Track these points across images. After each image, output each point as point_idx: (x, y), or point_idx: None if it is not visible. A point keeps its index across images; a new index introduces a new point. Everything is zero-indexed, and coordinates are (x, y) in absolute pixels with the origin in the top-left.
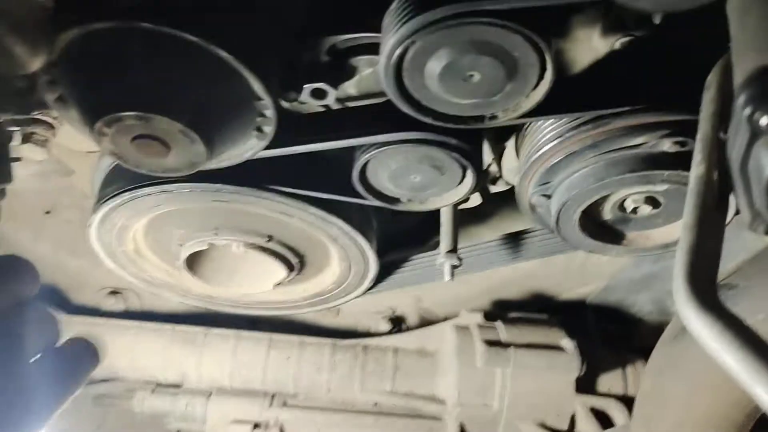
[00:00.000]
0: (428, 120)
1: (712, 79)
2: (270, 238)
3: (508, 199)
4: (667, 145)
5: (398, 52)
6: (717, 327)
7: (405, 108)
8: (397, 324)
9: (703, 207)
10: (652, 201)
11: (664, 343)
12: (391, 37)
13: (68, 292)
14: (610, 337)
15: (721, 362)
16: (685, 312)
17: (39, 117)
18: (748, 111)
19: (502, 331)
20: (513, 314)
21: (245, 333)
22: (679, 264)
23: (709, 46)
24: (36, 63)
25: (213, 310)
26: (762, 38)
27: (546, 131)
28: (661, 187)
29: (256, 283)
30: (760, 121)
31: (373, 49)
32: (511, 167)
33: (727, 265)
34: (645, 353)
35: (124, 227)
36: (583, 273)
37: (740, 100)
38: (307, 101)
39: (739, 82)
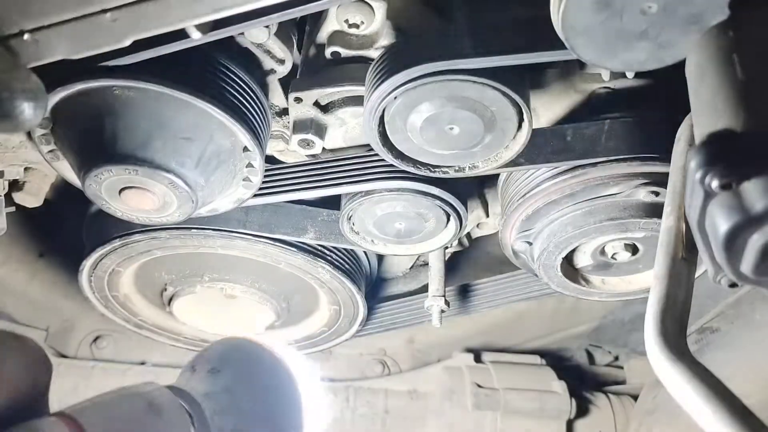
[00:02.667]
0: (411, 170)
1: (681, 133)
2: (257, 282)
3: (497, 242)
4: (642, 195)
5: (381, 106)
6: (684, 377)
7: (389, 158)
8: (389, 366)
9: (673, 258)
10: (631, 247)
11: (651, 386)
12: (374, 91)
13: (61, 334)
14: (602, 377)
15: (688, 409)
16: (655, 361)
17: (32, 167)
18: (699, 175)
19: (493, 373)
20: (504, 356)
21: None
22: (649, 314)
23: (682, 99)
24: (30, 126)
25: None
26: (714, 104)
27: (526, 180)
28: (639, 234)
29: (246, 326)
30: (711, 184)
31: (358, 100)
32: (497, 211)
33: (710, 308)
34: (636, 393)
35: (115, 272)
36: (575, 314)
37: (692, 164)
38: (295, 151)
39: (694, 146)
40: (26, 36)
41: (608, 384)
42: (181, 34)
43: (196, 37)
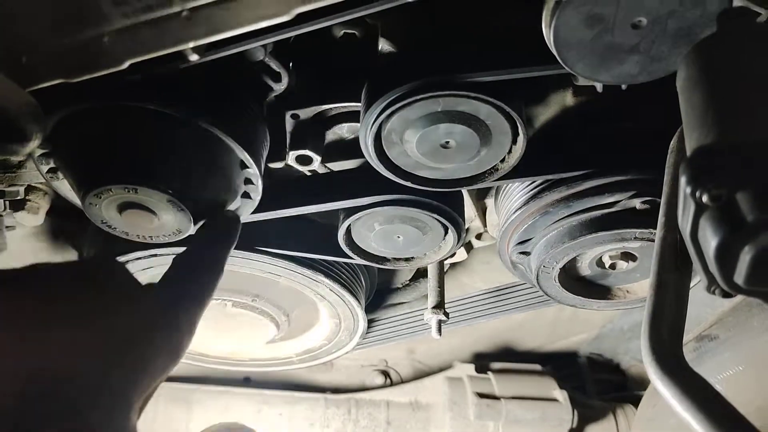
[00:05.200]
0: (409, 184)
1: (673, 144)
2: (257, 297)
3: (495, 253)
4: (637, 204)
5: (376, 122)
6: (678, 387)
7: (387, 174)
8: (390, 377)
9: (668, 268)
10: (628, 256)
11: (651, 394)
12: (368, 108)
13: None
14: (603, 385)
15: (681, 418)
16: (650, 372)
17: (33, 185)
18: (690, 188)
19: (494, 383)
20: (505, 365)
21: (236, 390)
22: (644, 325)
23: (676, 109)
24: (29, 149)
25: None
26: (704, 117)
27: (521, 192)
28: (635, 244)
29: (248, 340)
30: (702, 198)
31: (355, 116)
32: (496, 222)
33: (708, 316)
34: (638, 400)
35: None
36: (575, 322)
37: (683, 178)
38: (293, 166)
39: (685, 159)
40: (24, 59)
41: (610, 392)
42: (178, 55)
43: (194, 59)
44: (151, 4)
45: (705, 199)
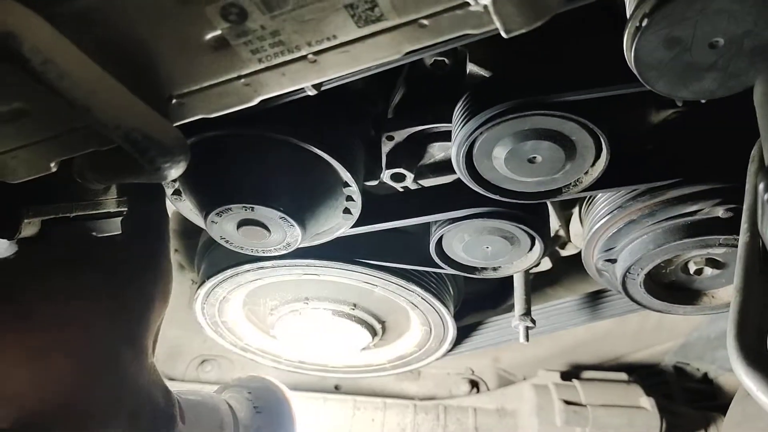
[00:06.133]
0: (497, 197)
1: (755, 153)
2: (355, 306)
3: (578, 262)
4: (720, 212)
5: (468, 141)
6: (765, 382)
7: (476, 188)
8: (476, 385)
9: (751, 271)
10: (713, 262)
11: (740, 399)
12: (460, 129)
13: (170, 360)
14: (691, 394)
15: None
16: (737, 368)
17: None
18: (767, 196)
19: (579, 390)
20: (591, 373)
21: (330, 396)
22: (730, 324)
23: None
24: (175, 176)
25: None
26: None
27: (606, 202)
28: (720, 251)
29: (344, 348)
30: None
31: (445, 136)
32: (578, 232)
33: None
34: (726, 410)
35: (225, 300)
36: (660, 331)
37: (761, 186)
38: (387, 183)
39: (763, 169)
40: (174, 101)
41: (697, 401)
42: (299, 90)
43: (311, 93)
44: (282, 50)
45: None
